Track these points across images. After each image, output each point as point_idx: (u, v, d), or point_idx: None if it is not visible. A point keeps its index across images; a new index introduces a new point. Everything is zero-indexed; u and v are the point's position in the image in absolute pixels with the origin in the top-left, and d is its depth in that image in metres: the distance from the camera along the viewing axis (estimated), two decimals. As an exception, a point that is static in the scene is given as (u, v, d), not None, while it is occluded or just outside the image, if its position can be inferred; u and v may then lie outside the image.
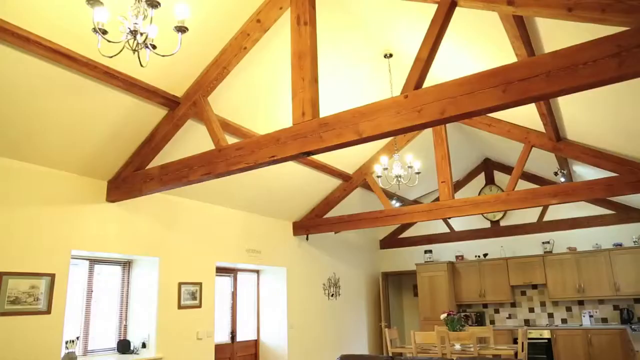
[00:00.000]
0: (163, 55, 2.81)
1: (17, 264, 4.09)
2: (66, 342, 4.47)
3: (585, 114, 4.77)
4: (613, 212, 7.97)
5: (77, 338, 4.64)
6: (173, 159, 4.43)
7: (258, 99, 4.97)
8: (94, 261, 5.20)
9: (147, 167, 4.70)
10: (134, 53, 2.55)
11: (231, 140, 4.67)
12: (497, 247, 8.92)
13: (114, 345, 5.22)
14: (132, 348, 5.17)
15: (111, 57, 2.82)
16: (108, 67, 3.72)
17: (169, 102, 4.35)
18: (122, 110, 4.21)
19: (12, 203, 4.14)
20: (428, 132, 6.69)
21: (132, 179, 4.68)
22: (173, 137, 4.67)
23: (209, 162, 3.97)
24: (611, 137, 5.05)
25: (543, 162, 7.20)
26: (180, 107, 4.43)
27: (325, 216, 7.60)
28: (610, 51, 2.36)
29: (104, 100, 4.03)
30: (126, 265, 5.53)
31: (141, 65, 2.77)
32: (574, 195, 5.43)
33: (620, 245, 7.73)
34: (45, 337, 4.20)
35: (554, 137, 5.51)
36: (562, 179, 6.83)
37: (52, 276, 4.32)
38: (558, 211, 8.41)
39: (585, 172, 6.90)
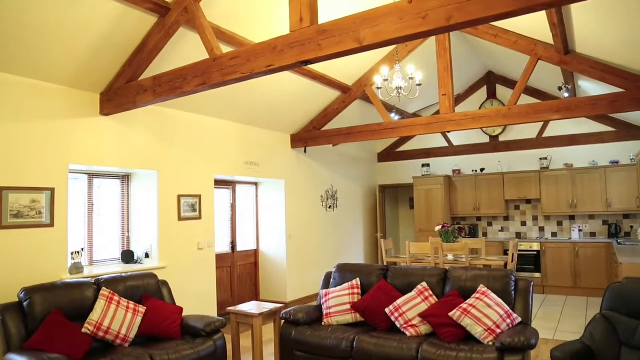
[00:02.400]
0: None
1: (15, 178, 4.08)
2: (72, 253, 4.61)
3: (598, 24, 4.53)
4: (613, 129, 7.90)
5: (82, 249, 4.77)
6: (166, 70, 4.26)
7: (253, 4, 4.68)
8: (92, 175, 5.21)
9: (140, 79, 4.55)
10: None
11: (226, 49, 4.47)
12: (494, 162, 8.96)
13: (118, 255, 5.39)
14: (135, 258, 5.35)
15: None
16: (90, -33, 3.45)
17: (159, 8, 4.09)
18: (109, 17, 3.96)
19: (5, 118, 4.03)
20: (431, 42, 6.42)
21: (124, 91, 4.54)
22: (165, 47, 4.46)
23: (203, 72, 3.83)
24: (622, 50, 4.84)
25: (548, 77, 7.00)
26: (171, 14, 4.18)
27: (323, 129, 7.53)
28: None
29: (89, 7, 3.77)
30: (125, 178, 5.55)
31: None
32: (577, 111, 5.32)
33: (617, 162, 7.76)
34: (51, 249, 4.31)
35: (562, 49, 5.29)
36: (566, 94, 6.67)
37: (52, 190, 4.34)
38: (557, 128, 8.35)
39: (590, 88, 6.73)
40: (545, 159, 8.36)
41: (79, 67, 4.34)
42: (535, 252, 8.00)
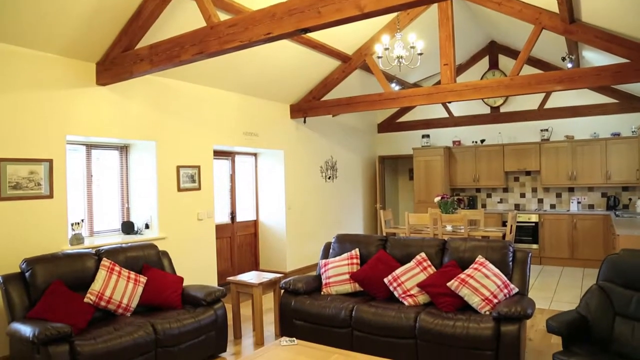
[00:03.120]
0: None
1: (12, 149, 4.04)
2: (72, 225, 4.62)
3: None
4: (616, 101, 7.83)
5: (82, 220, 4.78)
6: (163, 38, 4.18)
7: (251, -30, 4.56)
8: (90, 146, 5.17)
9: (136, 48, 4.47)
10: None
11: (223, 16, 4.37)
12: (495, 133, 8.91)
13: (118, 226, 5.40)
14: (135, 229, 5.36)
15: None
16: None
17: (154, -27, 3.98)
18: (103, -19, 3.86)
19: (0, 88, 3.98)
20: (432, 10, 6.28)
21: (121, 60, 4.46)
22: (162, 14, 4.35)
23: (200, 41, 3.75)
24: (629, 19, 4.73)
25: (551, 47, 6.88)
26: (167, -21, 4.07)
27: (323, 99, 7.45)
28: None
29: (82, -30, 3.67)
30: (123, 149, 5.51)
31: None
32: (580, 81, 5.25)
33: (618, 134, 7.71)
34: (50, 220, 4.32)
35: (567, 18, 5.17)
36: (569, 65, 6.58)
37: (50, 161, 4.31)
38: (559, 99, 8.26)
39: (595, 58, 6.62)
40: (546, 130, 8.31)
41: (74, 36, 4.24)
42: (534, 224, 8.04)
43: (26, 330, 3.08)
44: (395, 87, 8.06)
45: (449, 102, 8.28)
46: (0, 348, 3.89)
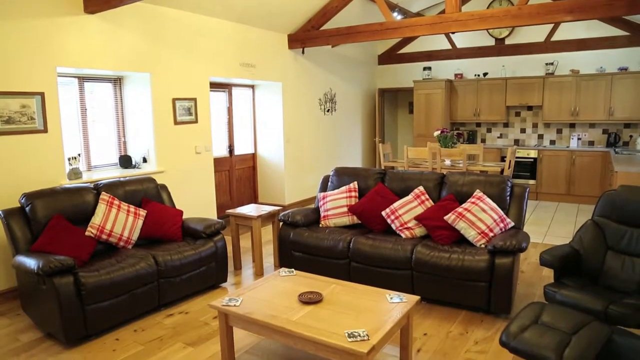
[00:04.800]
0: None
1: (0, 83, 3.92)
2: (69, 159, 4.58)
3: None
4: (626, 33, 7.54)
5: (79, 155, 4.74)
6: (152, -39, 3.94)
7: None
8: (83, 79, 5.02)
9: (125, -30, 4.21)
10: None
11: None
12: (498, 66, 8.68)
13: (116, 160, 5.38)
14: (133, 163, 5.34)
15: None
16: None
17: None
18: None
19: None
20: None
21: (109, -16, 4.22)
22: None
23: (192, -35, 3.53)
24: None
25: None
26: None
27: (322, 28, 7.18)
28: None
29: None
30: (117, 82, 5.37)
31: None
32: (592, 12, 5.02)
33: (626, 69, 7.51)
34: (47, 154, 4.28)
35: (583, -60, 4.87)
36: (581, -8, 6.27)
37: (42, 95, 4.20)
38: (567, 31, 7.96)
39: (608, -15, 6.30)
40: (552, 64, 8.09)
41: (58, -43, 3.99)
42: (532, 160, 8.04)
43: (31, 262, 3.14)
44: (397, 16, 7.74)
45: (453, 33, 7.99)
46: (8, 280, 4.00)
